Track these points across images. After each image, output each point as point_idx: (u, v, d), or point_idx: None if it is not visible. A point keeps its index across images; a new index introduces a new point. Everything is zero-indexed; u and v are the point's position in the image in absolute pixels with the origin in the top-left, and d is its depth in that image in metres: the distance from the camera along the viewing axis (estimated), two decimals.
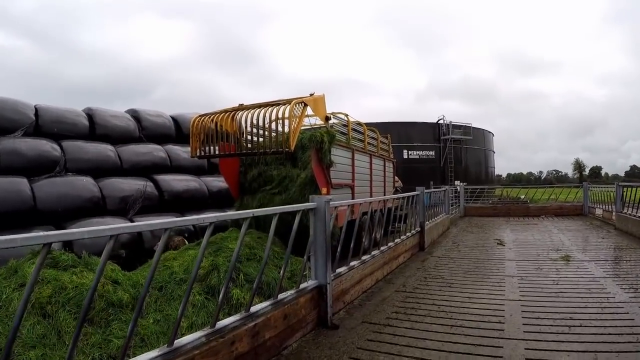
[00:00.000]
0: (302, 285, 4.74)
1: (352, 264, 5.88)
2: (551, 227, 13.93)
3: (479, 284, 6.58)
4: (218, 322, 3.60)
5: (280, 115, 7.98)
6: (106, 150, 10.75)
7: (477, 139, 40.56)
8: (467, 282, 6.72)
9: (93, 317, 5.11)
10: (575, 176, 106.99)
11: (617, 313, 4.95)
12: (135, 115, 12.23)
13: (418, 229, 9.73)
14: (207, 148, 8.95)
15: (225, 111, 8.79)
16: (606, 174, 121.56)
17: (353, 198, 10.33)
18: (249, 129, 8.75)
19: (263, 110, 8.16)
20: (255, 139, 8.95)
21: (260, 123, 8.29)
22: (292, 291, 4.57)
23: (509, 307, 5.28)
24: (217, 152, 9.06)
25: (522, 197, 24.28)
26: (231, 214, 4.16)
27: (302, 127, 9.19)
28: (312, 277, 4.97)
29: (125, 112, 12.32)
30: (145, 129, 12.12)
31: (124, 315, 5.27)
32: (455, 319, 4.93)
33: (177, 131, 12.91)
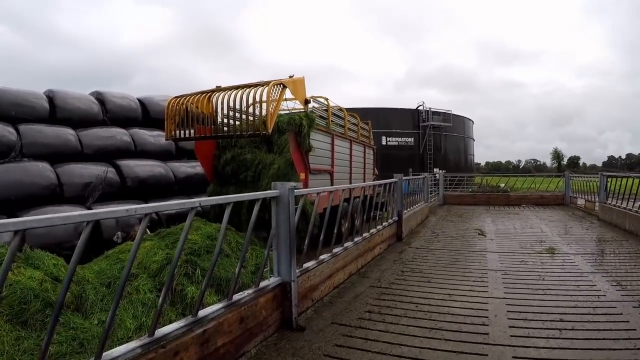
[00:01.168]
0: (263, 284, 4.20)
1: (322, 257, 5.37)
2: (533, 217, 13.58)
3: (460, 279, 6.10)
4: (158, 330, 3.06)
5: (257, 97, 7.68)
6: (66, 134, 10.01)
7: (457, 126, 40.16)
8: (447, 276, 6.23)
9: (27, 319, 4.49)
10: (553, 165, 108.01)
11: (610, 314, 4.51)
12: (99, 97, 11.48)
13: (395, 218, 9.24)
14: (182, 131, 8.78)
15: (202, 93, 8.62)
16: (584, 163, 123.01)
17: (332, 184, 10.04)
18: (225, 111, 8.48)
19: (240, 92, 7.93)
20: (231, 122, 8.69)
21: (237, 105, 8.03)
22: (250, 291, 4.03)
23: (493, 307, 4.81)
24: (192, 135, 8.89)
25: (502, 185, 24.02)
26: (174, 203, 3.58)
27: (280, 112, 8.99)
28: (274, 273, 4.42)
29: (90, 94, 11.58)
30: (109, 112, 11.37)
31: (63, 316, 4.66)
32: (434, 320, 4.43)
33: (144, 114, 12.19)
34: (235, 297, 3.81)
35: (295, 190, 4.38)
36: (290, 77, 8.45)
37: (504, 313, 4.58)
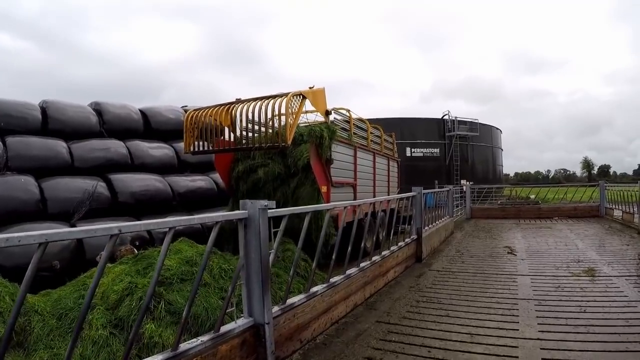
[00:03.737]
0: (226, 328, 3.32)
1: (314, 290, 4.46)
2: (567, 231, 12.39)
3: (485, 311, 5.09)
4: None
5: (277, 108, 7.39)
6: (57, 146, 9.44)
7: (484, 136, 38.70)
8: (470, 308, 5.23)
9: None
10: (583, 175, 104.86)
11: None
12: (97, 108, 10.91)
13: (414, 236, 8.27)
14: (200, 143, 8.66)
15: (221, 105, 8.44)
16: (614, 172, 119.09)
17: (355, 198, 9.64)
18: (244, 123, 8.26)
19: (259, 104, 7.75)
20: (250, 134, 8.39)
21: (257, 117, 7.89)
22: (205, 337, 3.14)
23: (524, 352, 3.80)
24: (211, 148, 8.74)
25: (533, 197, 22.64)
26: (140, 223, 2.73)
27: (300, 123, 8.73)
28: (244, 313, 3.54)
29: (89, 105, 11.00)
30: (107, 123, 10.76)
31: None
32: None
33: (145, 126, 11.57)
34: (184, 346, 2.94)
35: (269, 211, 3.49)
36: (310, 88, 8.20)
37: None
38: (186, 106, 12.82)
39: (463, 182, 29.15)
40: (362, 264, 5.66)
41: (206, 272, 5.47)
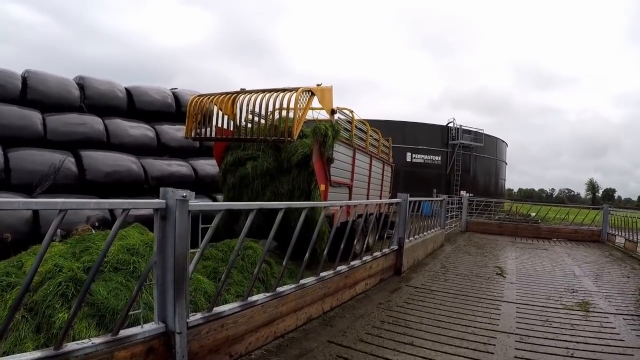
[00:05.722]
0: (128, 332, 2.75)
1: (253, 299, 3.82)
2: (564, 256, 11.68)
3: (456, 343, 4.41)
4: None
5: (285, 103, 7.27)
6: (31, 116, 8.93)
7: (489, 147, 37.71)
8: (440, 337, 4.55)
9: None
10: (587, 197, 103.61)
11: None
12: (80, 82, 10.38)
13: (395, 246, 7.60)
14: (202, 129, 8.67)
15: (226, 94, 8.43)
16: (619, 197, 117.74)
17: (350, 199, 9.39)
18: (249, 114, 8.31)
19: (268, 96, 7.60)
20: (255, 126, 8.35)
21: (263, 109, 7.69)
22: (98, 340, 2.56)
23: None
24: (213, 136, 8.73)
25: (533, 215, 21.90)
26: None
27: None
28: (155, 318, 3.02)
29: (73, 79, 10.49)
30: (88, 98, 10.18)
31: None
32: None
33: (129, 104, 10.97)
34: (71, 346, 2.38)
35: (190, 203, 2.86)
36: (318, 85, 8.10)
37: None
38: (176, 89, 12.30)
39: (462, 193, 28.35)
40: (322, 274, 5.02)
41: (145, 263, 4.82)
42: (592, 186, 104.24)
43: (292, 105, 7.20)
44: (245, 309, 3.70)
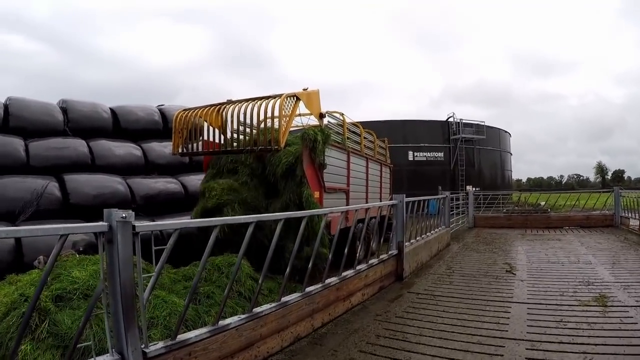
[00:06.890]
0: None
1: (224, 323, 3.46)
2: (577, 244, 11.20)
3: (458, 357, 3.97)
4: None
5: (270, 110, 7.12)
6: (13, 143, 8.75)
7: (492, 139, 37.05)
8: (441, 351, 4.12)
9: None
10: (597, 180, 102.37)
11: None
12: (63, 106, 10.17)
13: (394, 251, 7.19)
14: (190, 144, 8.52)
15: (212, 105, 8.20)
16: (629, 177, 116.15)
17: (348, 204, 9.03)
18: (235, 124, 7.93)
19: (251, 105, 7.47)
20: (241, 136, 8.08)
21: (248, 118, 7.60)
22: None
23: None
24: (200, 150, 8.57)
25: (543, 203, 21.33)
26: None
27: (293, 127, 8.33)
28: (110, 350, 2.79)
29: (57, 103, 10.29)
30: (71, 122, 9.95)
31: None
32: None
33: (115, 125, 10.69)
34: None
35: (137, 224, 2.53)
36: (305, 89, 7.88)
37: None
38: (162, 105, 11.99)
39: (469, 187, 27.78)
40: (308, 288, 4.61)
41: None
42: (601, 169, 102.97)
43: (276, 112, 6.97)
44: (216, 334, 3.34)
